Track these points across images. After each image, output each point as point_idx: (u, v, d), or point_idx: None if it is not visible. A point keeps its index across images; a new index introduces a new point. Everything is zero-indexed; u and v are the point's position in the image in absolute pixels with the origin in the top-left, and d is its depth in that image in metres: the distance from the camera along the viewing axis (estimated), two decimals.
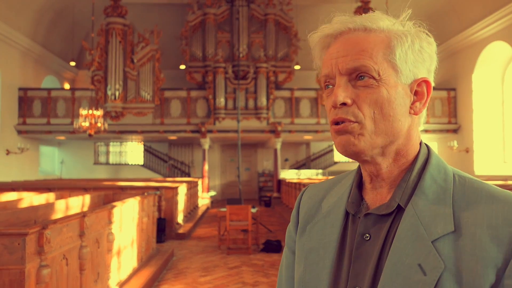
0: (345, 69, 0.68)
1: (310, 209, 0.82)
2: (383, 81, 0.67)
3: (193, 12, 15.81)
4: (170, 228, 8.60)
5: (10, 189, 8.28)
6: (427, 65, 0.70)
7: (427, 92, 0.70)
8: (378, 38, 0.68)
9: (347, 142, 0.68)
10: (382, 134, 0.67)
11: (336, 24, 0.71)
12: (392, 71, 0.67)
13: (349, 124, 0.67)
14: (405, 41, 0.68)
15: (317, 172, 17.68)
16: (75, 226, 3.40)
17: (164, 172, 18.44)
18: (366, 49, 0.67)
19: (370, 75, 0.67)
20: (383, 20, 0.70)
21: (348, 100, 0.67)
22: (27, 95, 14.70)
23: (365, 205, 0.73)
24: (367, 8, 15.10)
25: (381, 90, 0.67)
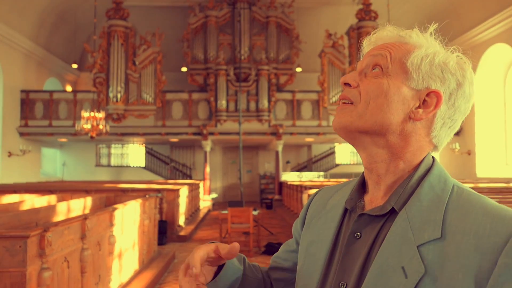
0: (366, 61, 0.76)
1: (318, 206, 0.88)
2: (388, 75, 0.72)
3: (194, 14, 15.84)
4: (171, 231, 8.60)
5: (11, 191, 8.29)
6: (450, 87, 0.72)
7: (436, 105, 0.72)
8: (405, 46, 0.74)
9: (339, 115, 0.74)
10: (371, 120, 0.71)
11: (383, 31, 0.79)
12: (402, 72, 0.72)
13: (346, 105, 0.74)
14: (423, 50, 0.73)
15: (318, 175, 17.67)
16: (76, 228, 3.40)
17: (166, 174, 18.45)
18: (389, 47, 0.75)
19: (380, 66, 0.73)
20: (418, 35, 0.75)
21: (352, 81, 0.75)
22: (29, 97, 14.74)
23: (362, 204, 0.77)
24: (368, 11, 15.11)
25: (383, 81, 0.72)
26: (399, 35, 0.76)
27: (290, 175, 17.27)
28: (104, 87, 14.76)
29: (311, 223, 0.85)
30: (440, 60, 0.72)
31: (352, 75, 0.76)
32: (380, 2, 14.78)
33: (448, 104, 0.72)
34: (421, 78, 0.72)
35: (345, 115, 0.74)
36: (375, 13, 15.08)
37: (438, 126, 0.73)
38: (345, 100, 0.75)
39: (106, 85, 14.73)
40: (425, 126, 0.73)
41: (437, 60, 0.72)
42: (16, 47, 14.14)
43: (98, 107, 14.41)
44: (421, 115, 0.71)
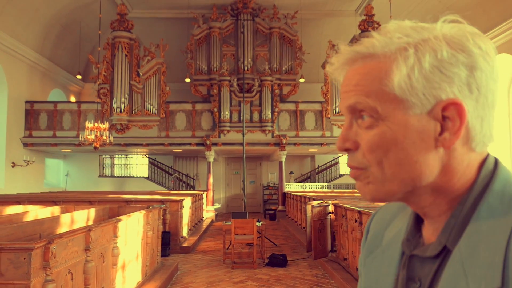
0: (344, 108, 0.59)
1: (374, 236, 0.72)
2: (384, 119, 0.55)
3: (198, 26, 15.95)
4: (174, 242, 8.56)
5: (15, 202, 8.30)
6: (460, 79, 0.54)
7: (460, 117, 0.54)
8: (376, 66, 0.56)
9: (361, 191, 0.59)
10: (396, 181, 0.56)
11: (340, 56, 0.60)
12: (396, 104, 0.54)
13: (356, 171, 0.59)
14: (403, 64, 0.54)
15: (322, 185, 17.61)
16: (80, 240, 3.39)
17: (169, 185, 18.43)
18: (360, 83, 0.56)
19: (368, 113, 0.56)
20: (382, 41, 0.56)
21: (348, 145, 0.59)
22: (33, 108, 14.81)
23: (421, 242, 0.61)
24: (371, 22, 15.19)
25: (383, 131, 0.55)
26: (357, 52, 0.57)
27: (293, 186, 17.21)
28: (108, 98, 14.83)
29: (367, 261, 0.70)
30: (430, 60, 0.54)
31: (344, 136, 0.59)
32: (382, 13, 14.86)
33: (473, 97, 0.54)
34: (422, 97, 0.54)
35: (366, 187, 0.58)
36: (378, 24, 15.15)
37: (477, 129, 0.55)
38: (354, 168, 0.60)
39: (110, 96, 14.80)
40: (462, 141, 0.55)
41: (427, 64, 0.53)
42: (21, 58, 14.25)
43: (102, 117, 14.46)
44: (450, 139, 0.54)
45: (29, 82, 15.00)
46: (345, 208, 6.32)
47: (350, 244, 6.01)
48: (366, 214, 5.28)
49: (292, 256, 7.90)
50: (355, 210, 5.77)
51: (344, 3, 16.34)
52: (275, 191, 17.87)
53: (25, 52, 14.33)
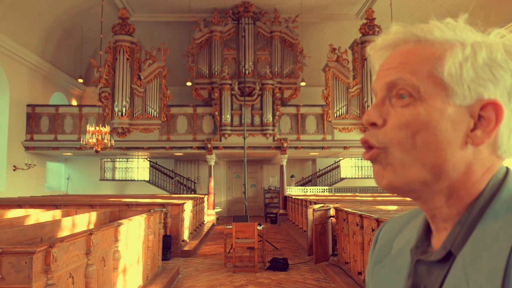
0: (384, 83, 0.58)
1: (383, 246, 0.70)
2: (423, 100, 0.54)
3: (199, 29, 15.99)
4: (175, 246, 8.56)
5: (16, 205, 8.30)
6: (505, 85, 0.54)
7: (496, 118, 0.53)
8: (429, 50, 0.56)
9: (377, 174, 0.57)
10: (418, 166, 0.54)
11: (390, 35, 0.60)
12: (440, 89, 0.54)
13: (376, 151, 0.57)
14: (459, 52, 0.54)
15: (323, 189, 17.60)
16: (81, 244, 3.39)
17: (170, 188, 18.43)
18: (408, 62, 0.56)
19: (408, 92, 0.55)
20: (442, 29, 0.57)
21: (379, 119, 0.57)
22: (35, 112, 14.84)
23: (430, 249, 0.60)
24: (372, 25, 15.21)
25: (419, 111, 0.54)
26: (414, 34, 0.57)
27: (294, 190, 17.21)
28: (110, 101, 14.85)
29: (375, 270, 0.69)
30: (485, 56, 0.54)
31: (374, 109, 0.58)
32: (383, 16, 14.89)
33: (510, 106, 0.54)
34: (466, 89, 0.54)
35: (385, 170, 0.57)
36: (378, 28, 15.17)
37: (505, 138, 0.55)
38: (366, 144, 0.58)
39: (111, 99, 14.83)
40: (489, 145, 0.55)
41: (481, 59, 0.54)
42: (23, 62, 14.29)
43: (103, 121, 14.48)
44: (481, 137, 0.54)
45: (31, 85, 15.03)
46: (346, 212, 6.31)
47: (352, 248, 6.00)
48: (367, 218, 5.28)
49: (293, 260, 7.89)
50: (356, 214, 5.76)
51: (345, 7, 16.38)
52: (276, 195, 17.85)
53: (27, 56, 14.37)
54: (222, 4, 15.94)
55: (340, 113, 15.13)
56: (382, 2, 14.90)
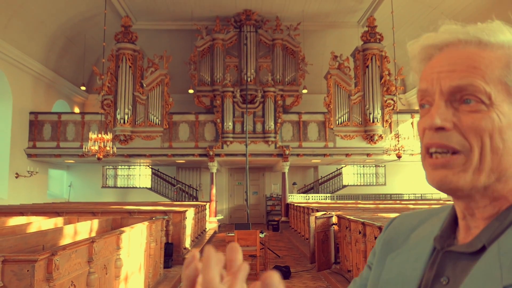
0: (449, 87, 0.56)
1: (397, 235, 0.71)
2: (495, 107, 0.54)
3: (201, 37, 16.07)
4: (177, 253, 8.53)
5: (18, 213, 8.31)
6: None
7: None
8: (495, 55, 0.56)
9: (444, 179, 0.56)
10: (487, 171, 0.55)
11: (444, 33, 0.59)
12: (507, 96, 0.55)
13: (452, 157, 0.56)
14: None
15: (325, 196, 17.56)
16: (83, 252, 3.39)
17: (172, 196, 18.42)
18: (478, 67, 0.55)
19: (479, 98, 0.54)
20: (504, 33, 0.57)
21: (448, 123, 0.56)
22: (37, 119, 14.89)
23: (455, 242, 0.61)
24: (373, 33, 15.26)
25: (492, 117, 0.54)
26: (476, 37, 0.57)
27: (296, 197, 17.17)
28: (112, 109, 14.90)
29: (387, 258, 0.69)
30: None
31: (441, 112, 0.56)
32: (385, 24, 14.93)
33: None
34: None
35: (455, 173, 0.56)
36: (380, 35, 15.21)
37: None
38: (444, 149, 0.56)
39: (113, 107, 14.87)
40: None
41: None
42: (26, 70, 14.37)
43: (106, 128, 14.51)
44: None
45: (34, 93, 15.10)
46: (349, 220, 6.30)
47: (354, 256, 5.97)
48: (370, 226, 5.26)
49: (295, 268, 7.85)
50: (358, 222, 5.74)
51: (346, 14, 16.45)
52: (278, 202, 17.81)
53: (30, 64, 14.45)
54: (224, 12, 16.02)
55: (342, 120, 15.13)
56: (383, 10, 14.95)
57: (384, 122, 14.99)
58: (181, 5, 15.47)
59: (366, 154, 15.13)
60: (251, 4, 15.54)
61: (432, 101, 0.58)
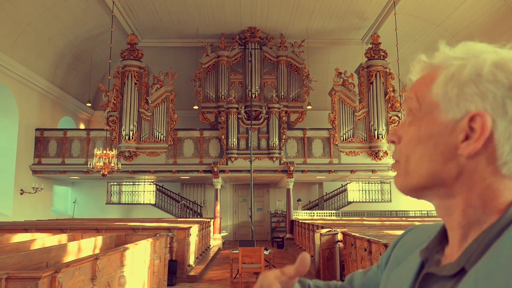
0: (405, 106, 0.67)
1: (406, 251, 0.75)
2: (422, 119, 0.61)
3: (206, 54, 16.22)
4: (181, 270, 8.46)
5: (23, 229, 8.29)
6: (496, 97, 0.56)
7: (482, 127, 0.56)
8: (431, 74, 0.63)
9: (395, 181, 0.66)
10: (416, 175, 0.61)
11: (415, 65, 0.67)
12: (432, 108, 0.60)
13: (394, 165, 0.67)
14: (446, 73, 0.60)
15: (330, 213, 17.44)
16: (87, 269, 3.37)
17: (176, 212, 18.36)
18: (415, 85, 0.65)
19: (413, 111, 0.63)
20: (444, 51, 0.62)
21: (394, 138, 0.66)
22: (43, 136, 14.98)
23: (438, 257, 0.63)
24: (377, 50, 15.34)
25: (416, 127, 0.62)
26: (423, 61, 0.64)
27: (301, 213, 17.07)
28: (117, 125, 14.97)
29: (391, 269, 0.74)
30: (469, 73, 0.57)
31: (395, 129, 0.66)
32: (389, 41, 15.03)
33: (508, 118, 0.55)
34: (454, 105, 0.58)
35: (396, 177, 0.65)
36: (384, 52, 15.29)
37: (505, 149, 0.56)
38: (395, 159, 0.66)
39: (119, 123, 14.95)
40: (487, 158, 0.57)
41: (464, 76, 0.58)
42: (32, 87, 14.52)
43: (111, 145, 14.57)
44: (469, 147, 0.57)
45: (40, 110, 15.23)
46: (354, 237, 6.23)
47: None
48: (375, 243, 5.20)
49: None
50: (364, 239, 5.69)
51: (350, 32, 16.58)
52: (283, 219, 17.71)
53: (37, 81, 14.61)
54: (229, 29, 16.20)
55: (347, 137, 15.12)
56: (387, 27, 15.07)
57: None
58: (186, 23, 15.66)
59: (371, 170, 15.07)
60: (256, 22, 15.71)
61: None
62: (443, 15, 13.90)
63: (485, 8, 12.59)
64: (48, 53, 14.83)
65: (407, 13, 14.28)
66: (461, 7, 13.19)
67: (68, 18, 14.07)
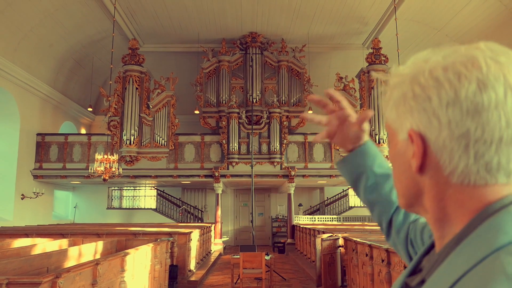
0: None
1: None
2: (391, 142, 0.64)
3: (208, 59, 16.25)
4: (182, 276, 8.44)
5: (23, 234, 8.28)
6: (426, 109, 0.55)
7: (416, 144, 0.56)
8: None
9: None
10: (400, 193, 0.64)
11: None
12: (391, 130, 0.63)
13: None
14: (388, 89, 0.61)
15: (331, 218, 17.40)
16: (87, 274, 3.36)
17: (177, 217, 18.33)
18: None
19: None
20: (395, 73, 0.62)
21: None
22: (44, 140, 14.99)
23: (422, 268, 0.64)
24: (378, 55, 15.36)
25: (390, 152, 0.64)
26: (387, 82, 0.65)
27: (302, 218, 17.03)
28: (118, 130, 14.99)
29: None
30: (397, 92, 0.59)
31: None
32: (390, 46, 15.04)
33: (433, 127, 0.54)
34: (398, 124, 0.59)
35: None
36: (385, 57, 15.31)
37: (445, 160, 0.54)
38: None
39: (120, 128, 14.97)
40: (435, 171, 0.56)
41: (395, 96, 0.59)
42: (34, 92, 14.55)
43: (112, 149, 14.57)
44: (414, 165, 0.57)
45: (41, 115, 15.25)
46: (355, 242, 6.22)
47: (361, 279, 5.88)
48: (377, 248, 5.18)
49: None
50: (365, 244, 5.67)
51: (351, 36, 16.60)
52: (284, 224, 17.67)
53: (39, 86, 14.64)
54: (230, 34, 16.24)
55: None
56: (388, 32, 15.09)
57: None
58: (188, 28, 15.70)
59: None
60: (257, 27, 15.75)
61: None
62: (444, 20, 13.92)
63: (486, 13, 12.61)
64: (50, 58, 14.87)
65: (408, 18, 14.31)
66: (462, 12, 13.21)
67: (70, 24, 14.12)
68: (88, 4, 13.34)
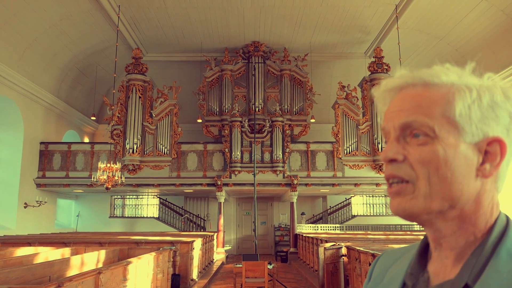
0: (398, 124, 0.64)
1: (377, 277, 0.77)
2: (439, 139, 0.60)
3: (210, 68, 16.33)
4: (184, 285, 8.41)
5: (26, 243, 8.28)
6: (504, 123, 0.61)
7: (501, 153, 0.61)
8: (438, 93, 0.62)
9: (398, 206, 0.63)
10: (439, 198, 0.60)
11: (397, 78, 0.67)
12: (452, 128, 0.61)
13: (402, 186, 0.63)
14: (468, 96, 0.61)
15: (334, 227, 17.33)
16: (90, 283, 3.35)
17: (179, 226, 18.30)
18: (421, 104, 0.62)
19: (424, 131, 0.61)
20: (448, 74, 0.63)
21: (399, 156, 0.63)
22: (48, 149, 15.05)
23: (426, 277, 0.64)
24: (380, 63, 15.40)
25: (437, 148, 0.60)
26: (421, 78, 0.64)
27: (305, 227, 16.98)
28: (121, 138, 15.03)
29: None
30: (488, 99, 0.61)
31: (393, 147, 0.64)
32: (392, 55, 15.09)
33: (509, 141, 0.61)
34: (474, 128, 0.60)
35: (407, 200, 0.62)
36: (387, 66, 15.34)
37: (504, 170, 0.62)
38: (396, 179, 0.64)
39: (123, 137, 15.01)
40: (494, 179, 0.62)
41: (485, 101, 0.61)
42: (38, 101, 14.63)
43: (115, 158, 14.60)
44: (490, 171, 0.60)
45: (45, 123, 15.32)
46: (359, 251, 6.19)
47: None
48: None
49: None
50: (368, 253, 5.65)
51: (353, 45, 16.67)
52: (287, 232, 17.60)
53: (42, 95, 14.73)
54: (232, 44, 16.33)
55: (350, 150, 15.10)
56: (390, 41, 15.14)
57: None
58: (190, 37, 15.80)
59: (375, 184, 15.01)
60: (259, 36, 15.83)
61: (390, 138, 0.66)
62: (445, 29, 13.96)
63: (488, 22, 12.64)
64: (54, 67, 14.98)
65: (409, 27, 14.35)
66: (463, 21, 13.24)
67: (74, 33, 14.23)
68: (92, 14, 13.46)
